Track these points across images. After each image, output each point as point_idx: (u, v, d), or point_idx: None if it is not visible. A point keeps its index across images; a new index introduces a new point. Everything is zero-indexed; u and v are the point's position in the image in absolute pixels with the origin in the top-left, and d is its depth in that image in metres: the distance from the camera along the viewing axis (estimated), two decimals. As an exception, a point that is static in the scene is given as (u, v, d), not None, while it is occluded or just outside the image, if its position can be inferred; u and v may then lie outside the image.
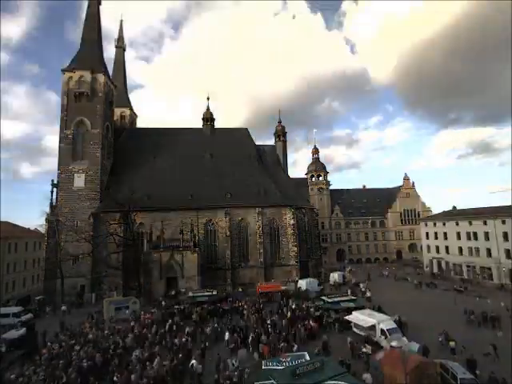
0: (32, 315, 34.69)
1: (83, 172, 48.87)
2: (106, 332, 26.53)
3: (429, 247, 66.26)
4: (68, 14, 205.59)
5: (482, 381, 18.38)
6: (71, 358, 20.36)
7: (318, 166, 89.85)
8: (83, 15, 56.22)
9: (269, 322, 27.52)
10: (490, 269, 51.44)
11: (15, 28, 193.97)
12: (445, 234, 61.57)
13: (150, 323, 28.10)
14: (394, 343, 20.67)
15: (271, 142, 70.17)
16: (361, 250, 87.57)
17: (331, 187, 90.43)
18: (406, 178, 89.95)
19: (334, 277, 51.78)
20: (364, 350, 22.30)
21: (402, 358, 16.15)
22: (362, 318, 26.55)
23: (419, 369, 17.22)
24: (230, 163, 57.67)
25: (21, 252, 53.19)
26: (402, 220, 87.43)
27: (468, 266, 55.63)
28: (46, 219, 46.40)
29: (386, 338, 23.31)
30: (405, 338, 22.84)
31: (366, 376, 18.28)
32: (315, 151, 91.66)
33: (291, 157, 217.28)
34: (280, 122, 69.02)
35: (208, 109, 64.31)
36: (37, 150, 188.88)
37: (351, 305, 31.34)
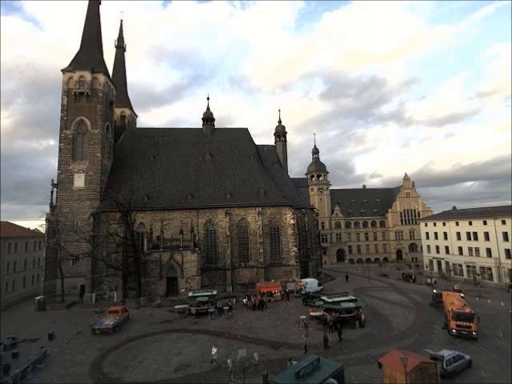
0: None
1: (83, 172, 48.86)
2: None
3: (429, 247, 66.27)
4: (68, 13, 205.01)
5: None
6: None
7: (318, 166, 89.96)
8: (83, 15, 56.15)
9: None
10: (490, 269, 51.45)
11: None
12: (445, 233, 61.58)
13: None
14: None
15: (271, 141, 70.19)
16: (361, 250, 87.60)
17: (331, 187, 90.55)
18: (406, 178, 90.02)
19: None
20: None
21: (402, 358, 16.13)
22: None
23: (419, 369, 17.21)
24: (230, 163, 57.70)
25: (21, 252, 53.21)
26: (401, 220, 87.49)
27: (468, 266, 55.63)
28: (46, 219, 46.40)
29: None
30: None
31: None
32: (315, 151, 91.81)
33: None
34: (280, 122, 68.98)
35: (208, 109, 64.32)
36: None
37: (351, 305, 31.07)
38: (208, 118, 63.54)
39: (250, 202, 52.39)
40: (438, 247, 63.39)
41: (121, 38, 72.93)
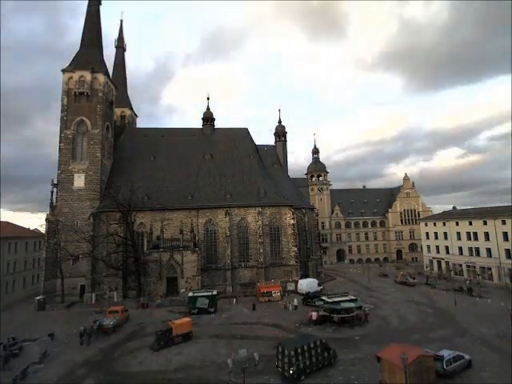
0: None
1: (83, 172, 48.86)
2: None
3: (429, 247, 66.22)
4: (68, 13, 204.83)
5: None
6: None
7: (318, 166, 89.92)
8: (83, 15, 56.21)
9: None
10: (490, 269, 51.44)
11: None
12: (445, 233, 61.53)
13: None
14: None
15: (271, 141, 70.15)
16: (361, 250, 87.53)
17: (331, 187, 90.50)
18: (406, 178, 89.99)
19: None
20: None
21: (402, 358, 16.12)
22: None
23: (419, 361, 17.20)
24: (230, 163, 57.69)
25: (21, 252, 53.15)
26: (401, 220, 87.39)
27: (468, 266, 55.62)
28: (46, 219, 46.39)
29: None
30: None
31: None
32: (315, 151, 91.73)
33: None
34: (280, 122, 68.96)
35: (208, 109, 64.32)
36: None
37: (351, 305, 31.09)
38: (208, 117, 63.57)
39: (249, 202, 52.38)
40: (438, 247, 63.34)
41: (121, 38, 72.99)
